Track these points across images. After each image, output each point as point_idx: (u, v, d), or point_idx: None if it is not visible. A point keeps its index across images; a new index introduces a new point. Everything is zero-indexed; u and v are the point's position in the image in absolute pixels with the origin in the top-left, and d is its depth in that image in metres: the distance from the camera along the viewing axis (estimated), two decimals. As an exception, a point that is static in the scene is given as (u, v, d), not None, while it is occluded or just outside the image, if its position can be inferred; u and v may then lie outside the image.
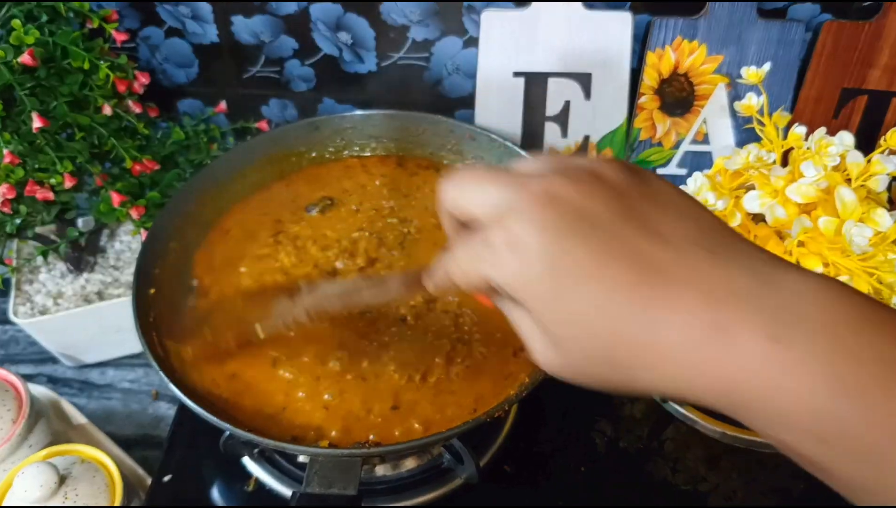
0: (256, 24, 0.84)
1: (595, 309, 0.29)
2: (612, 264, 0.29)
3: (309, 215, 0.74)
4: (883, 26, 0.79)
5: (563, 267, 0.29)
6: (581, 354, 0.31)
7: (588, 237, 0.29)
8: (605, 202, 0.30)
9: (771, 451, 0.68)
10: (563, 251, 0.29)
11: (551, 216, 0.30)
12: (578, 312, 0.30)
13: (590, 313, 0.29)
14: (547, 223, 0.30)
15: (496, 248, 0.31)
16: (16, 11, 0.68)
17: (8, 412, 0.64)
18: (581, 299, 0.29)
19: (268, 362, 0.61)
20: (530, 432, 0.70)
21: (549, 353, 0.33)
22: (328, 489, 0.48)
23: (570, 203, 0.30)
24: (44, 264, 0.82)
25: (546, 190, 0.31)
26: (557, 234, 0.30)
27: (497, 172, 0.33)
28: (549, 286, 0.30)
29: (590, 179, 0.31)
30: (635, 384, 0.31)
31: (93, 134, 0.71)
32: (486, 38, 0.80)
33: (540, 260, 0.30)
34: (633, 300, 0.29)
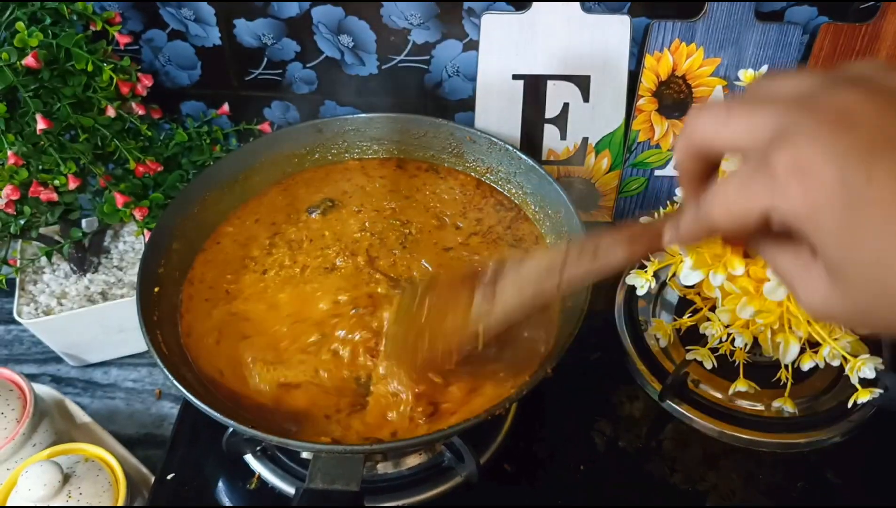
0: (258, 26, 0.85)
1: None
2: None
3: (310, 216, 0.75)
4: (880, 28, 0.79)
5: (864, 197, 0.26)
6: (873, 296, 0.28)
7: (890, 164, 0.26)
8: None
9: (769, 451, 0.69)
10: (865, 180, 0.26)
11: (848, 139, 0.26)
12: (880, 249, 0.26)
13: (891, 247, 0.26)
14: (844, 146, 0.26)
15: (779, 175, 0.27)
16: (19, 14, 0.68)
17: (12, 411, 0.64)
18: (885, 235, 0.26)
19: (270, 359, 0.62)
20: (530, 431, 0.71)
21: (829, 295, 0.29)
22: (331, 485, 0.48)
23: (869, 123, 0.26)
24: (48, 265, 0.82)
25: (838, 108, 0.27)
26: (858, 159, 0.26)
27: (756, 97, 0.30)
28: (846, 219, 0.26)
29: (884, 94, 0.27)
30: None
31: (96, 135, 0.72)
32: (485, 40, 0.81)
33: (835, 189, 0.26)
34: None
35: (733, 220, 0.30)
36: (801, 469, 0.68)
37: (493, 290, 0.44)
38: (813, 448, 0.69)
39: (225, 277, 0.69)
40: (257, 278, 0.69)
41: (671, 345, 0.76)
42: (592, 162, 0.88)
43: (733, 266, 0.61)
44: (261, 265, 0.70)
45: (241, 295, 0.68)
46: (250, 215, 0.76)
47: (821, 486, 0.67)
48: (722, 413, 0.71)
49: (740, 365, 0.67)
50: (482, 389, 0.58)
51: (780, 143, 0.28)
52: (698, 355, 0.69)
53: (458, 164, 0.81)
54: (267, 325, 0.65)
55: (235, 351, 0.63)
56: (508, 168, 0.78)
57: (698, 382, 0.73)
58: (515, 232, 0.74)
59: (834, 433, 0.69)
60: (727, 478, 0.68)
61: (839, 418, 0.70)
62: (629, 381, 0.75)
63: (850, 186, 0.26)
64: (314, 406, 0.59)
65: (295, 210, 0.76)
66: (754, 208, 0.29)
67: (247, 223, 0.75)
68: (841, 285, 0.29)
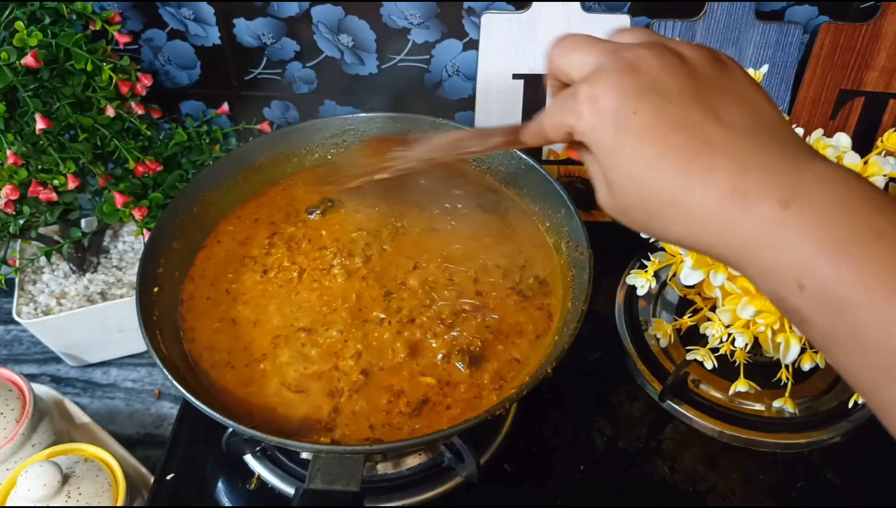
0: (258, 26, 0.85)
1: (645, 165, 0.34)
2: (669, 133, 0.34)
3: (309, 217, 0.75)
4: (880, 28, 0.79)
5: (627, 125, 0.34)
6: (627, 200, 0.36)
7: (655, 106, 0.34)
8: (680, 79, 0.35)
9: (769, 450, 0.69)
10: (630, 112, 0.34)
11: (629, 82, 0.35)
12: (632, 165, 0.35)
13: (640, 168, 0.35)
14: (624, 87, 0.35)
15: (579, 101, 0.36)
16: (19, 13, 0.68)
17: (12, 411, 0.64)
18: (636, 155, 0.34)
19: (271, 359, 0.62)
20: (530, 431, 0.71)
21: (606, 195, 0.38)
22: (331, 485, 0.48)
23: (649, 74, 0.35)
24: (47, 265, 0.82)
25: (631, 60, 0.36)
26: (630, 97, 0.35)
27: (595, 39, 0.39)
28: (613, 139, 0.35)
29: (673, 57, 0.36)
30: (666, 233, 0.36)
31: (96, 135, 0.72)
32: (486, 40, 0.81)
33: (611, 116, 0.35)
34: (678, 164, 0.33)
35: (553, 132, 0.40)
36: (801, 469, 0.68)
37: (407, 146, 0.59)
38: (813, 448, 0.69)
39: (225, 276, 0.69)
40: (257, 277, 0.69)
41: (671, 345, 0.76)
42: (592, 162, 0.88)
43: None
44: (260, 265, 0.70)
45: (240, 295, 0.67)
46: (250, 214, 0.76)
47: (821, 486, 0.67)
48: (722, 413, 0.71)
49: (741, 365, 0.67)
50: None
51: (587, 78, 0.37)
52: (698, 355, 0.69)
53: (457, 163, 0.81)
54: (266, 325, 0.65)
55: (235, 351, 0.63)
56: (508, 168, 0.77)
57: (698, 382, 0.73)
58: (515, 232, 0.74)
59: (834, 433, 0.69)
60: (727, 478, 0.68)
61: (839, 418, 0.70)
62: (629, 381, 0.75)
63: (620, 114, 0.35)
64: (312, 406, 0.59)
65: (294, 210, 0.76)
66: (563, 124, 0.38)
67: (246, 223, 0.75)
68: (609, 189, 0.38)
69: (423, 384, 0.60)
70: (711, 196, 0.33)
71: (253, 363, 0.62)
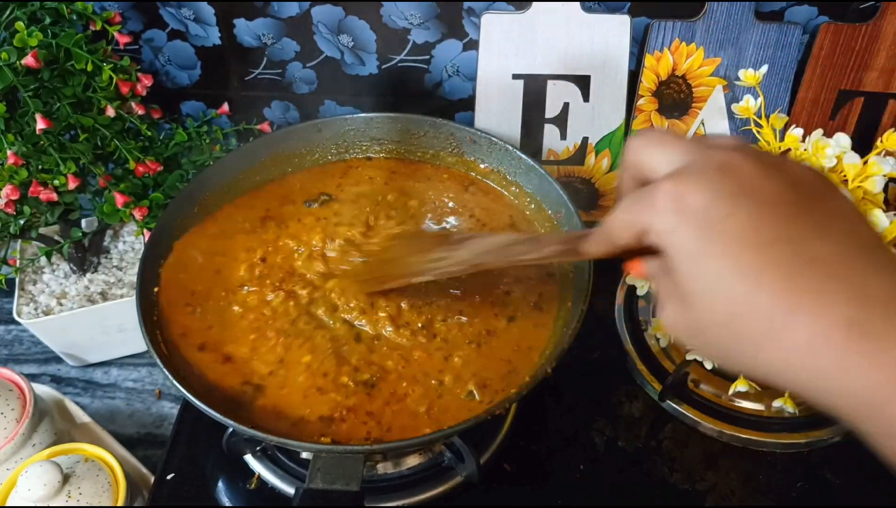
0: (258, 26, 0.85)
1: (740, 278, 0.29)
2: (767, 244, 0.29)
3: (308, 208, 0.75)
4: (880, 28, 0.79)
5: (718, 230, 0.30)
6: (708, 318, 0.31)
7: (752, 212, 0.30)
8: (779, 188, 0.31)
9: (769, 450, 0.69)
10: (724, 216, 0.30)
11: (723, 182, 0.31)
12: (721, 276, 0.30)
13: (731, 280, 0.29)
14: (716, 187, 0.31)
15: (661, 199, 0.32)
16: (19, 13, 0.68)
17: (12, 411, 0.64)
18: (728, 264, 0.30)
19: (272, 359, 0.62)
20: (530, 431, 0.71)
21: (679, 313, 0.33)
22: (331, 485, 0.48)
23: (747, 178, 0.31)
24: (47, 265, 0.82)
25: (725, 160, 0.32)
26: (724, 199, 0.30)
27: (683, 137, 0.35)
28: (700, 243, 0.30)
29: (771, 165, 0.32)
30: (754, 362, 0.30)
31: (96, 135, 0.72)
32: (485, 40, 0.81)
33: (699, 216, 0.30)
34: (780, 281, 0.29)
35: (622, 232, 0.35)
36: (801, 469, 0.68)
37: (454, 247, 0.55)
38: (813, 448, 0.69)
39: (226, 276, 0.69)
40: (256, 277, 0.69)
41: (671, 345, 0.76)
42: (592, 162, 0.88)
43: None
44: (260, 264, 0.70)
45: (241, 295, 0.67)
46: (250, 213, 0.76)
47: (821, 486, 0.67)
48: (722, 413, 0.71)
49: (740, 365, 0.67)
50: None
51: (671, 175, 0.32)
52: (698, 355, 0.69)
53: (457, 164, 0.81)
54: (266, 325, 0.65)
55: (236, 351, 0.63)
56: (508, 168, 0.77)
57: (698, 382, 0.73)
58: (515, 232, 0.74)
59: (834, 433, 0.69)
60: (727, 478, 0.68)
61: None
62: (629, 381, 0.75)
63: (710, 215, 0.30)
64: (310, 406, 0.59)
65: (294, 209, 0.76)
66: (637, 223, 0.34)
67: (246, 222, 0.75)
68: (685, 305, 0.32)
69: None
70: (821, 326, 0.27)
71: (253, 361, 0.62)
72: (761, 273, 0.29)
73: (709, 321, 0.31)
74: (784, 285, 0.28)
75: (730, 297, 0.30)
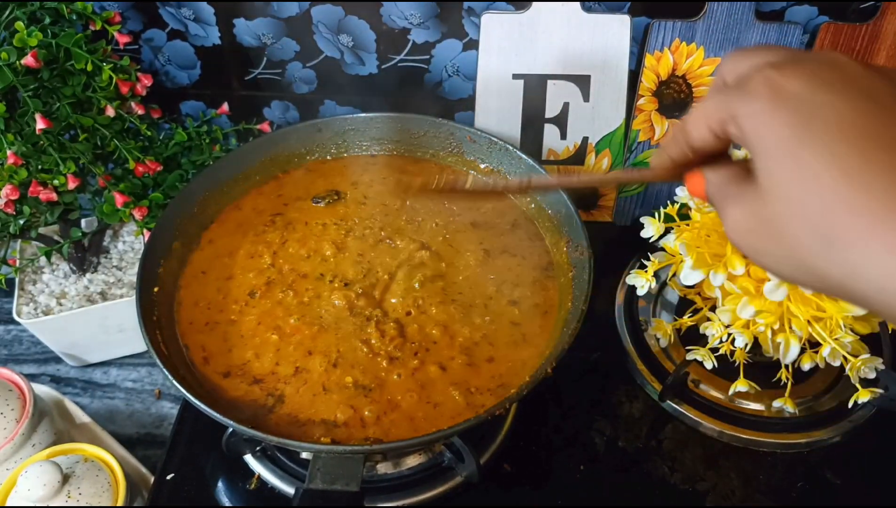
0: (258, 26, 0.85)
1: (840, 172, 0.27)
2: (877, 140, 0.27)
3: (315, 202, 0.75)
4: (880, 28, 0.79)
5: (819, 118, 0.27)
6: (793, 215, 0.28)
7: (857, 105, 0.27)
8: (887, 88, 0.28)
9: (769, 450, 0.69)
10: (825, 103, 0.27)
11: (826, 74, 0.28)
12: (817, 168, 0.27)
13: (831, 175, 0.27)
14: (819, 77, 0.28)
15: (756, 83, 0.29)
16: (19, 13, 0.68)
17: (12, 411, 0.64)
18: (826, 156, 0.27)
19: (271, 360, 0.62)
20: (530, 431, 0.71)
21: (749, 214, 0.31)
22: (331, 485, 0.48)
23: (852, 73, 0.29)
24: (47, 265, 0.82)
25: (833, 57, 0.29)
26: (827, 88, 0.28)
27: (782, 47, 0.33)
28: (795, 133, 0.28)
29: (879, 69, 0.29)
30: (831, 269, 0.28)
31: (96, 135, 0.72)
32: (485, 40, 0.81)
33: (797, 102, 0.28)
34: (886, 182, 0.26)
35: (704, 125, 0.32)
36: (801, 469, 0.68)
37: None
38: (813, 448, 0.69)
39: (226, 276, 0.69)
40: (256, 277, 0.69)
41: (671, 345, 0.76)
42: (592, 162, 0.88)
43: (734, 266, 0.61)
44: (260, 265, 0.70)
45: (241, 295, 0.67)
46: (247, 211, 0.76)
47: (821, 486, 0.67)
48: (722, 413, 0.71)
49: (740, 365, 0.67)
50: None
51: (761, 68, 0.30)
52: (698, 355, 0.69)
53: (458, 163, 0.81)
54: (266, 325, 0.65)
55: (236, 350, 0.63)
56: (508, 168, 0.77)
57: (698, 382, 0.73)
58: (516, 233, 0.74)
59: (834, 433, 0.69)
60: (727, 478, 0.68)
61: (839, 418, 0.70)
62: (629, 381, 0.75)
63: (810, 102, 0.27)
64: (309, 406, 0.59)
65: (295, 208, 0.76)
66: (724, 110, 0.30)
67: (244, 217, 0.75)
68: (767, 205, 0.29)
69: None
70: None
71: (253, 361, 0.62)
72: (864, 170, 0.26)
73: (788, 217, 0.28)
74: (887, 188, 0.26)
75: (823, 192, 0.27)
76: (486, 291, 0.67)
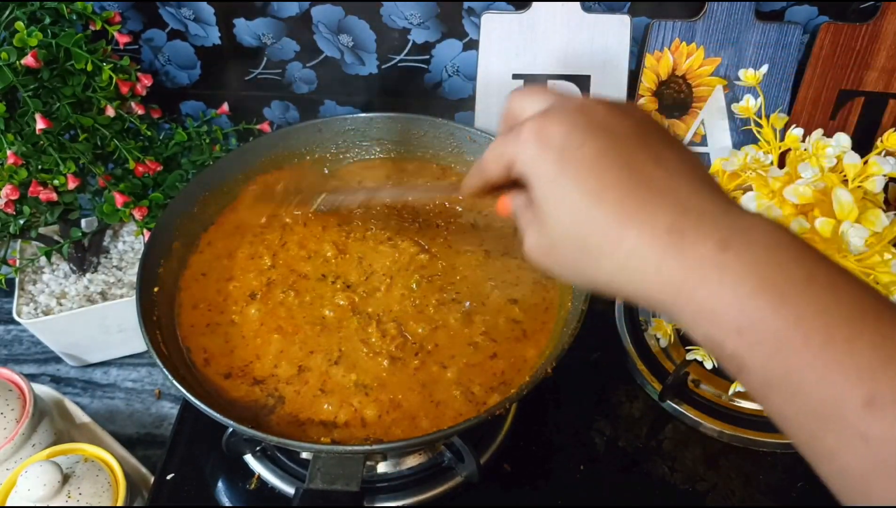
0: (258, 26, 0.85)
1: (584, 197, 0.34)
2: (613, 168, 0.34)
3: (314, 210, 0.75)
4: (880, 28, 0.79)
5: (572, 157, 0.35)
6: (559, 235, 0.36)
7: (602, 143, 0.35)
8: (626, 124, 0.36)
9: (769, 450, 0.69)
10: (577, 145, 0.35)
11: (579, 119, 0.35)
12: (570, 196, 0.35)
13: (578, 199, 0.34)
14: (573, 122, 0.35)
15: (526, 133, 0.36)
16: (19, 13, 0.68)
17: (12, 411, 0.64)
18: (576, 186, 0.34)
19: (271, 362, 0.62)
20: (530, 431, 0.71)
21: (535, 236, 0.38)
22: (331, 485, 0.48)
23: (599, 116, 0.36)
24: (47, 265, 0.82)
25: (584, 103, 0.37)
26: (579, 131, 0.35)
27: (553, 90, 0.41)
28: (555, 169, 0.35)
29: (621, 108, 0.37)
30: (597, 272, 0.35)
31: (96, 135, 0.72)
32: (485, 40, 0.81)
33: (556, 146, 0.35)
34: (618, 198, 0.33)
35: (493, 164, 0.40)
36: (801, 469, 0.68)
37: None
38: (813, 448, 0.69)
39: (226, 277, 0.69)
40: (256, 277, 0.69)
41: (671, 345, 0.76)
42: (592, 162, 0.88)
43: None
44: (260, 264, 0.70)
45: (241, 294, 0.67)
46: (247, 213, 0.76)
47: (821, 486, 0.66)
48: (722, 413, 0.71)
49: (740, 365, 0.67)
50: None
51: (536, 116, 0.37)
52: (698, 354, 0.69)
53: (458, 163, 0.81)
54: (267, 325, 0.65)
55: (238, 351, 0.63)
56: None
57: (698, 382, 0.73)
58: (517, 234, 0.74)
59: (834, 433, 0.69)
60: (727, 478, 0.68)
61: (839, 418, 0.70)
62: (629, 381, 0.75)
63: (566, 145, 0.35)
64: (309, 406, 0.59)
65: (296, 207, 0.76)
66: (505, 155, 0.38)
67: (244, 221, 0.75)
68: (541, 226, 0.37)
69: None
70: (647, 233, 0.32)
71: (254, 361, 0.62)
72: (603, 192, 0.34)
73: (559, 237, 0.36)
74: (619, 202, 0.33)
75: (576, 214, 0.34)
76: (487, 290, 0.67)
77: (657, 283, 0.33)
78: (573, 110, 0.36)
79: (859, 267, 0.62)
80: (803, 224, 0.65)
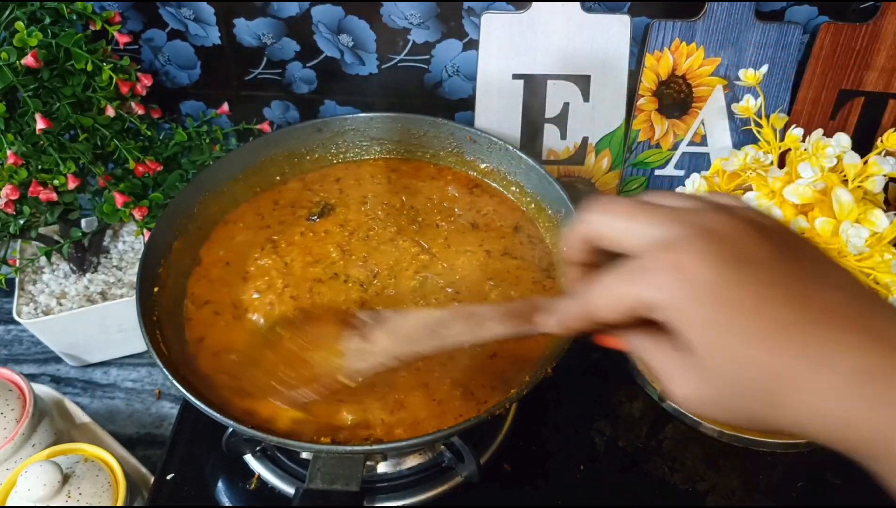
0: (258, 26, 0.85)
1: (759, 344, 0.30)
2: (781, 305, 0.30)
3: (310, 219, 0.75)
4: (880, 28, 0.79)
5: (729, 298, 0.30)
6: (730, 387, 0.31)
7: (756, 277, 0.30)
8: (768, 247, 0.31)
9: (769, 450, 0.69)
10: (731, 283, 0.30)
11: (718, 250, 0.31)
12: (739, 344, 0.30)
13: (751, 348, 0.30)
14: (716, 257, 0.31)
15: (658, 270, 0.32)
16: (19, 13, 0.68)
17: (12, 411, 0.64)
18: (744, 331, 0.30)
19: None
20: (530, 431, 0.71)
21: (693, 384, 0.33)
22: (331, 485, 0.48)
23: (734, 240, 0.31)
24: (47, 265, 0.82)
25: (707, 225, 0.32)
26: (725, 266, 0.30)
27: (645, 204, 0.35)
28: (713, 314, 0.30)
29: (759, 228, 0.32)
30: (782, 421, 0.31)
31: (96, 135, 0.72)
32: (485, 40, 0.81)
33: (706, 288, 0.30)
34: (799, 339, 0.29)
35: (610, 307, 0.34)
36: (801, 469, 0.68)
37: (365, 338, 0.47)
38: (813, 448, 0.69)
39: (226, 276, 0.69)
40: (258, 276, 0.69)
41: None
42: (593, 162, 0.88)
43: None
44: (261, 264, 0.70)
45: (242, 294, 0.67)
46: (249, 216, 0.76)
47: (821, 486, 0.67)
48: (722, 413, 0.71)
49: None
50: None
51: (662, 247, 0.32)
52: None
53: (458, 163, 0.81)
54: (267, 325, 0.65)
55: (237, 350, 0.63)
56: (508, 168, 0.77)
57: (698, 382, 0.73)
58: (516, 233, 0.74)
59: (834, 433, 0.69)
60: (727, 478, 0.68)
61: (839, 418, 0.70)
62: (629, 381, 0.75)
63: (719, 286, 0.30)
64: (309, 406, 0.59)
65: (293, 213, 0.76)
66: (629, 297, 0.33)
67: (247, 222, 0.75)
68: (701, 376, 0.32)
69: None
70: (841, 376, 0.28)
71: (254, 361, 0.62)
72: (779, 335, 0.29)
73: (730, 390, 0.31)
74: (803, 344, 0.29)
75: (750, 365, 0.30)
76: (486, 290, 0.67)
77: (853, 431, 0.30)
78: (704, 240, 0.31)
79: (859, 267, 0.62)
80: (803, 225, 0.65)
